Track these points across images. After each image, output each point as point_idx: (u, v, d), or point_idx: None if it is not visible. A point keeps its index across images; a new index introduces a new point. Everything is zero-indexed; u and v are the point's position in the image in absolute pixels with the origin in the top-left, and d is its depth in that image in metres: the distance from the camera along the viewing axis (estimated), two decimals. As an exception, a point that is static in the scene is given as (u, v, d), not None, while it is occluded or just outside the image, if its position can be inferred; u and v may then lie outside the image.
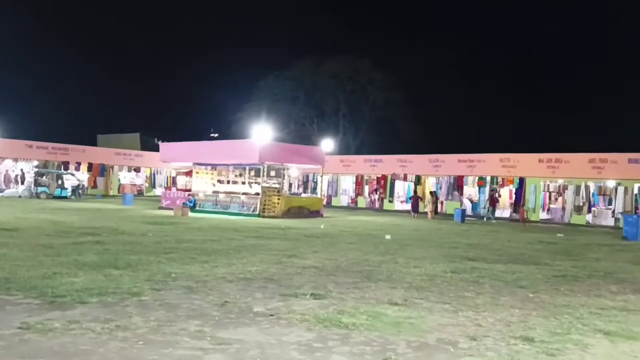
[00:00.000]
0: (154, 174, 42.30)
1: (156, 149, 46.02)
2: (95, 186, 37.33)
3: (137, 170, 41.47)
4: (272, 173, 24.85)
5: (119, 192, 39.26)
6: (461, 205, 30.53)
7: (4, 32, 66.61)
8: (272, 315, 6.14)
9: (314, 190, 36.26)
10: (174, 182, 41.80)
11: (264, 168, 23.75)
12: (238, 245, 12.61)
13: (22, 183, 31.90)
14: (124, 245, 11.45)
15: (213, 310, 6.29)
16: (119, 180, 40.35)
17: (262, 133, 23.48)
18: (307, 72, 48.93)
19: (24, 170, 33.89)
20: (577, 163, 27.66)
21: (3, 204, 24.12)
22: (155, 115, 67.71)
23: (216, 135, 58.21)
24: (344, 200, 37.00)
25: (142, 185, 40.94)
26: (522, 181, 28.67)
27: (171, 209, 25.00)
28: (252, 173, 24.95)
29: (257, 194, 23.72)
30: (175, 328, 5.49)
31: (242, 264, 9.68)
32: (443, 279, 8.82)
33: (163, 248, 11.36)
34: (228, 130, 51.20)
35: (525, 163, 28.94)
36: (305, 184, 37.01)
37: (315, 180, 37.05)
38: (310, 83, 49.29)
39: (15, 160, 34.71)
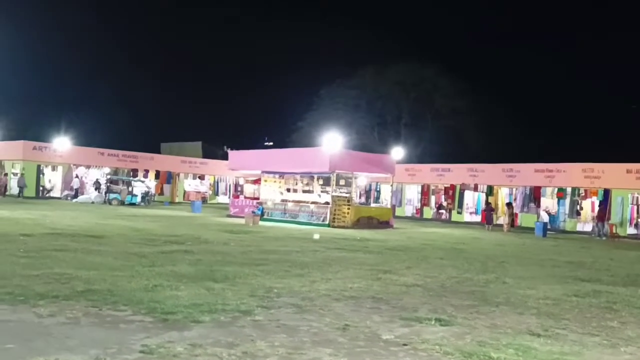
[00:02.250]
0: (217, 182, 42.61)
1: (222, 157, 46.89)
2: (162, 193, 37.84)
3: (202, 177, 41.86)
4: (342, 182, 24.31)
5: (184, 199, 39.70)
6: (538, 217, 29.11)
7: (82, 46, 69.28)
8: (405, 344, 5.53)
9: (376, 199, 35.57)
10: (236, 190, 42.06)
11: (334, 177, 23.26)
12: (325, 257, 12.13)
13: (97, 190, 32.57)
14: (213, 255, 11.13)
15: (337, 335, 5.74)
16: (184, 187, 40.82)
17: (332, 141, 23.00)
18: (369, 79, 48.35)
19: (96, 177, 34.67)
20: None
21: (79, 209, 24.56)
22: (216, 125, 68.64)
23: (271, 144, 58.34)
24: (408, 210, 36.07)
25: (206, 192, 41.25)
26: (607, 193, 26.98)
27: (239, 217, 24.88)
28: (321, 182, 24.49)
29: (327, 203, 23.23)
30: (307, 357, 4.96)
31: (340, 280, 9.17)
32: (570, 303, 7.98)
33: (252, 259, 10.98)
34: (287, 138, 51.15)
35: (611, 173, 27.24)
36: (367, 193, 36.32)
37: (378, 189, 36.34)
38: (373, 91, 48.69)
39: (88, 167, 35.56)
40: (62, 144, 34.94)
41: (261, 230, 18.70)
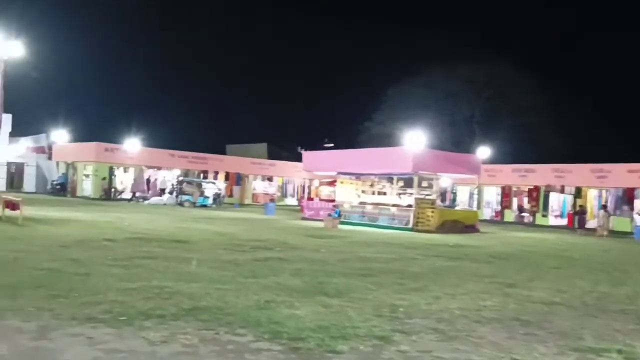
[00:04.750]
0: (285, 184, 41.97)
1: (287, 158, 46.28)
2: (231, 195, 37.44)
3: (270, 179, 41.31)
4: (424, 183, 22.92)
5: (252, 201, 39.24)
6: (632, 221, 26.73)
7: (151, 49, 70.75)
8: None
9: (453, 201, 33.84)
10: (303, 192, 41.30)
11: (417, 178, 21.90)
12: (431, 267, 10.90)
13: (170, 192, 32.44)
14: (311, 264, 10.10)
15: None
16: (253, 189, 40.38)
17: (415, 140, 21.65)
18: (438, 78, 46.51)
19: (167, 179, 34.63)
20: None
21: (153, 212, 24.24)
22: (280, 126, 68.29)
23: (331, 145, 57.27)
24: (486, 213, 34.13)
25: (275, 194, 40.64)
26: None
27: (315, 219, 23.91)
28: (401, 183, 23.17)
29: (409, 206, 21.89)
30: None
31: (466, 295, 7.95)
32: None
33: (354, 268, 9.88)
34: (355, 139, 49.92)
35: None
36: (443, 195, 34.60)
37: (454, 191, 34.60)
38: (443, 90, 46.82)
39: (159, 169, 35.60)
40: (132, 145, 35.10)
41: (344, 235, 17.61)
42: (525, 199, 32.23)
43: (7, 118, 25.43)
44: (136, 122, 43.57)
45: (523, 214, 32.46)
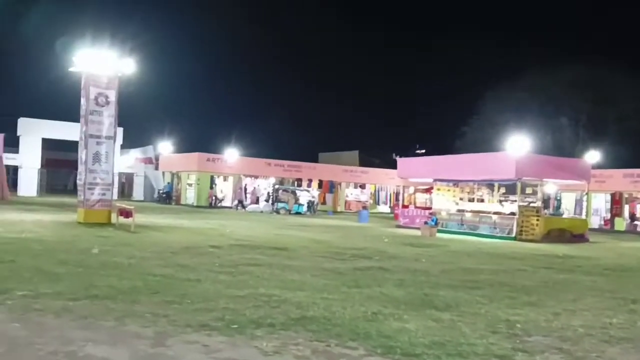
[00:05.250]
0: (377, 191, 41.68)
1: (378, 165, 46.01)
2: (324, 202, 37.72)
3: (362, 187, 41.20)
4: (528, 190, 21.81)
5: (345, 209, 39.29)
6: None
7: (249, 62, 73.24)
8: None
9: (557, 209, 31.97)
10: (397, 199, 40.77)
11: (520, 184, 20.88)
12: (543, 279, 10.26)
13: (266, 200, 33.21)
14: (413, 275, 9.82)
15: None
16: (346, 196, 40.45)
17: (518, 145, 20.67)
18: (539, 81, 44.37)
19: (262, 187, 35.50)
20: None
21: (251, 219, 24.83)
22: (371, 133, 68.10)
23: (423, 151, 56.12)
24: (594, 221, 31.95)
25: (367, 201, 40.46)
26: None
27: (411, 227, 23.47)
28: (503, 190, 22.19)
29: (512, 213, 20.91)
30: None
31: (586, 311, 7.36)
32: None
33: (459, 280, 9.48)
34: (450, 145, 48.67)
35: None
36: (546, 202, 32.79)
37: (558, 197, 32.69)
38: (544, 93, 44.57)
39: (256, 177, 36.55)
40: (232, 155, 36.28)
41: (443, 244, 17.08)
42: (639, 206, 29.89)
43: (119, 131, 27.06)
44: (235, 133, 45.12)
45: (636, 222, 30.11)
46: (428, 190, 26.18)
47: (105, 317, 5.63)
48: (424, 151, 55.49)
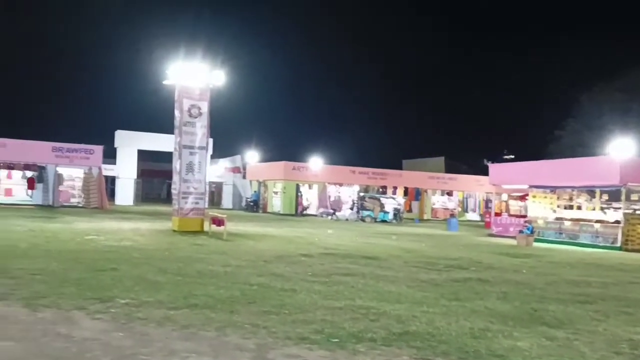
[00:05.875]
0: (466, 198, 40.41)
1: (465, 172, 44.64)
2: (410, 210, 37.02)
3: (450, 194, 40.09)
4: (633, 196, 20.23)
5: (431, 217, 38.38)
6: None
7: (332, 71, 73.86)
8: None
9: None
10: (486, 206, 39.31)
11: (625, 190, 19.41)
12: (662, 294, 9.33)
13: (351, 208, 33.04)
14: (516, 287, 9.25)
15: None
16: (432, 204, 39.52)
17: (622, 148, 19.25)
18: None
19: (348, 195, 35.39)
20: None
21: (337, 227, 24.73)
22: (457, 139, 66.40)
23: (512, 157, 53.73)
24: None
25: (455, 209, 39.32)
26: None
27: (504, 236, 22.46)
28: (606, 197, 20.71)
29: (617, 222, 19.46)
30: None
31: None
32: None
33: (568, 294, 8.80)
34: (542, 150, 46.35)
35: None
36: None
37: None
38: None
39: (340, 185, 36.53)
40: (316, 163, 36.47)
41: (542, 254, 16.14)
42: None
43: (209, 142, 27.89)
44: (320, 141, 45.45)
45: None
46: (522, 198, 24.89)
47: (206, 327, 5.60)
48: (512, 156, 53.30)
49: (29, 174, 29.71)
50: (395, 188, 37.83)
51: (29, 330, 5.14)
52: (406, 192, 37.98)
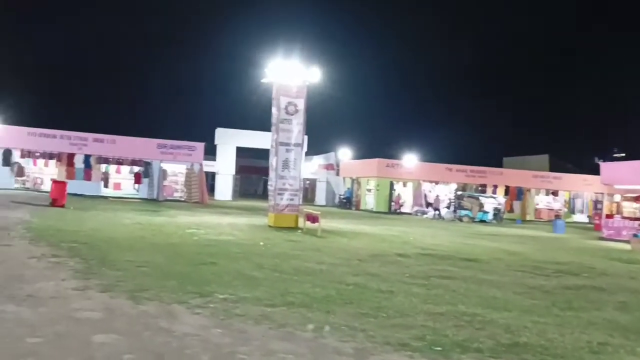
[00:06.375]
0: (572, 198, 37.98)
1: (572, 171, 42.05)
2: (511, 210, 35.34)
3: (555, 194, 37.86)
4: None
5: (535, 217, 36.44)
6: None
7: (432, 66, 72.69)
8: None
9: None
10: (595, 207, 36.80)
11: None
12: None
13: (447, 206, 32.09)
14: (635, 296, 8.46)
15: None
16: (535, 204, 37.51)
17: None
18: None
19: (444, 194, 34.45)
20: None
21: (433, 226, 24.06)
22: (561, 136, 62.77)
23: (622, 155, 49.75)
24: None
25: (560, 210, 37.09)
26: None
27: (616, 240, 20.81)
28: None
29: None
30: None
31: None
32: None
33: (700, 308, 7.85)
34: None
35: None
36: None
37: None
38: None
39: (436, 183, 35.60)
40: (410, 160, 35.75)
41: (662, 260, 14.72)
42: None
43: (304, 139, 28.13)
44: (414, 138, 44.67)
45: None
46: (638, 199, 22.99)
47: (303, 327, 5.47)
48: (623, 155, 49.56)
49: (136, 169, 31.45)
50: (495, 187, 36.27)
51: (132, 324, 5.25)
52: (507, 191, 36.33)
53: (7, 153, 28.57)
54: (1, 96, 43.62)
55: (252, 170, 51.36)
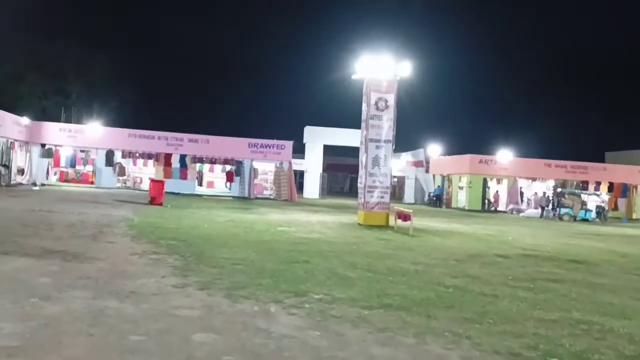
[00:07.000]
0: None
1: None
2: (615, 208, 33.01)
3: (665, 190, 34.95)
4: None
5: (642, 216, 33.85)
6: None
7: (526, 59, 69.75)
8: None
9: None
10: None
11: None
12: None
13: (547, 204, 30.48)
14: None
15: None
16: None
17: None
18: None
19: (540, 190, 32.80)
20: None
21: (531, 225, 22.88)
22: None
23: None
24: None
25: (673, 209, 34.19)
26: None
27: None
28: None
29: None
30: None
31: None
32: None
33: None
34: None
35: None
36: None
37: None
38: None
39: (533, 179, 33.93)
40: (505, 156, 34.28)
41: None
42: None
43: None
44: (509, 132, 42.86)
45: None
46: None
47: (404, 332, 5.20)
48: None
49: (228, 167, 32.36)
50: (598, 183, 34.01)
51: (230, 323, 5.21)
52: (611, 187, 33.96)
53: (110, 154, 30.29)
54: (106, 99, 46.49)
55: (339, 168, 51.44)
